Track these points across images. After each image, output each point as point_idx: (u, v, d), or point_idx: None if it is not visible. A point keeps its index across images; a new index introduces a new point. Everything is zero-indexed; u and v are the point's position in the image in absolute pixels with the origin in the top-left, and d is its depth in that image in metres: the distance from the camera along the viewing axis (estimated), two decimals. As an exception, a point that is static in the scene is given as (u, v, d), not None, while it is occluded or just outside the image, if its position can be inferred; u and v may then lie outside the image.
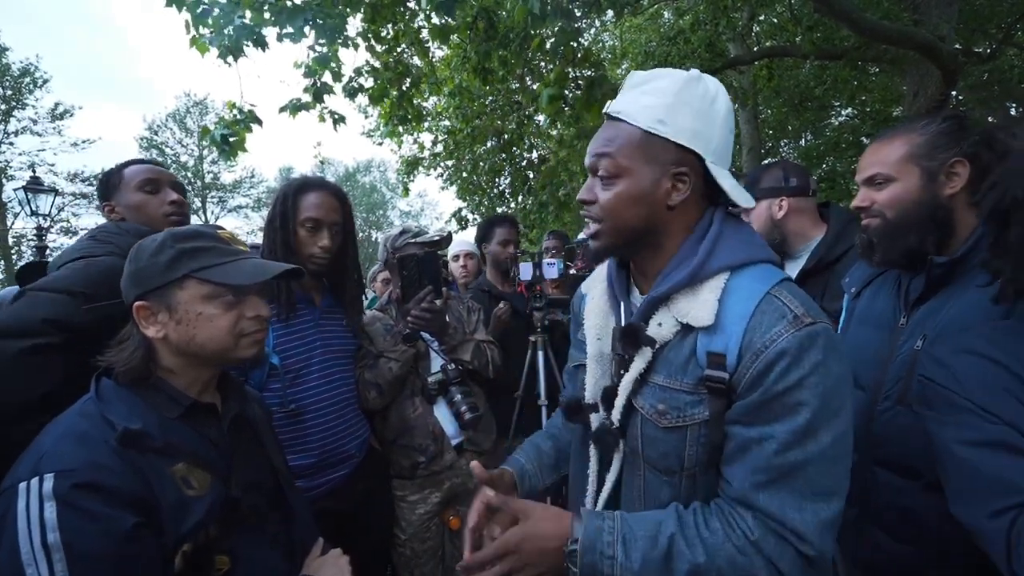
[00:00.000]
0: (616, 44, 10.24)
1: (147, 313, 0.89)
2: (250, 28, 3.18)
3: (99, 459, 0.76)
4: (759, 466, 0.70)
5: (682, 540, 0.71)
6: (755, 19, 7.60)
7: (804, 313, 0.71)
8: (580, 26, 4.21)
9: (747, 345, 0.71)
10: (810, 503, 0.68)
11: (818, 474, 0.69)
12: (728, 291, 0.76)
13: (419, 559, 1.77)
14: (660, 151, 0.78)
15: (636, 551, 0.71)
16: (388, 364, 1.69)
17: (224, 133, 3.55)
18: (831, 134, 10.56)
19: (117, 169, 1.53)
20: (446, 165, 8.88)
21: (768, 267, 0.79)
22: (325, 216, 1.55)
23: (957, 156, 1.06)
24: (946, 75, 4.34)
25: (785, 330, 0.69)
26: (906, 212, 1.10)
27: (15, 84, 16.14)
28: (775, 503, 0.69)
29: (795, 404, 0.68)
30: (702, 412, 0.75)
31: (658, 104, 0.78)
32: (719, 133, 0.80)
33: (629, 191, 0.79)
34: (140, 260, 0.90)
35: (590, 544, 0.73)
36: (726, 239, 0.80)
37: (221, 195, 24.05)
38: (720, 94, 0.81)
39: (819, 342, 0.69)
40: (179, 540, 0.80)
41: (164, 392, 0.89)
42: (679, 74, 0.80)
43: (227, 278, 0.90)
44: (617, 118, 0.82)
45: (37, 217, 7.88)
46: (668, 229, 0.82)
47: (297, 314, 1.56)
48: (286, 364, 1.51)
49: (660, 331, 0.79)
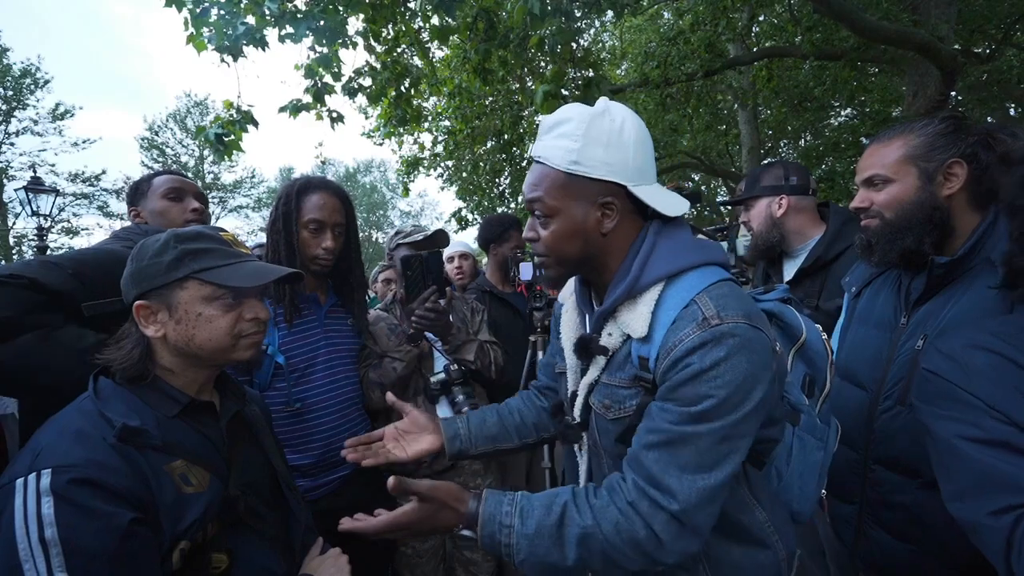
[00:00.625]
0: (616, 44, 10.25)
1: (147, 312, 0.89)
2: (250, 30, 3.19)
3: (97, 456, 0.76)
4: (653, 428, 0.78)
5: (573, 507, 0.79)
6: (755, 19, 7.60)
7: (715, 315, 0.76)
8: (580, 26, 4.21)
9: (663, 346, 0.79)
10: (690, 474, 0.74)
11: (706, 450, 0.75)
12: (661, 301, 0.83)
13: (420, 558, 1.78)
14: (583, 187, 0.84)
15: (531, 519, 0.79)
16: (392, 364, 1.69)
17: (219, 133, 3.55)
18: (831, 134, 10.56)
19: (147, 178, 1.67)
20: (446, 165, 8.89)
21: (704, 271, 0.83)
22: (328, 217, 1.55)
23: (954, 157, 1.06)
24: (945, 75, 4.35)
25: (692, 331, 0.76)
26: (904, 213, 1.10)
27: (16, 85, 16.16)
28: (658, 465, 0.76)
29: (695, 396, 0.74)
30: (634, 405, 0.84)
31: (571, 147, 0.83)
32: (633, 157, 0.85)
33: (563, 228, 0.86)
34: (142, 259, 0.90)
35: (490, 517, 0.81)
36: (659, 251, 0.85)
37: (221, 195, 24.04)
38: (627, 121, 0.86)
39: (725, 341, 0.74)
40: (176, 537, 0.80)
41: (162, 391, 0.90)
42: (584, 112, 0.85)
43: (228, 280, 0.90)
44: (540, 162, 0.88)
45: (38, 217, 7.89)
46: (608, 251, 0.88)
47: (302, 313, 1.57)
48: (291, 363, 1.51)
49: (610, 340, 0.88)
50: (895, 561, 1.09)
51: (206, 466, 0.88)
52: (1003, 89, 7.36)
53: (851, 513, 1.18)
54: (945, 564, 1.02)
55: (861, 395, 1.16)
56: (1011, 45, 7.67)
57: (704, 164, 11.84)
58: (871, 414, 1.13)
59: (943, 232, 1.08)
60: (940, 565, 1.02)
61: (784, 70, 8.14)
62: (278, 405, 1.50)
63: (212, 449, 0.92)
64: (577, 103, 0.91)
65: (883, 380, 1.11)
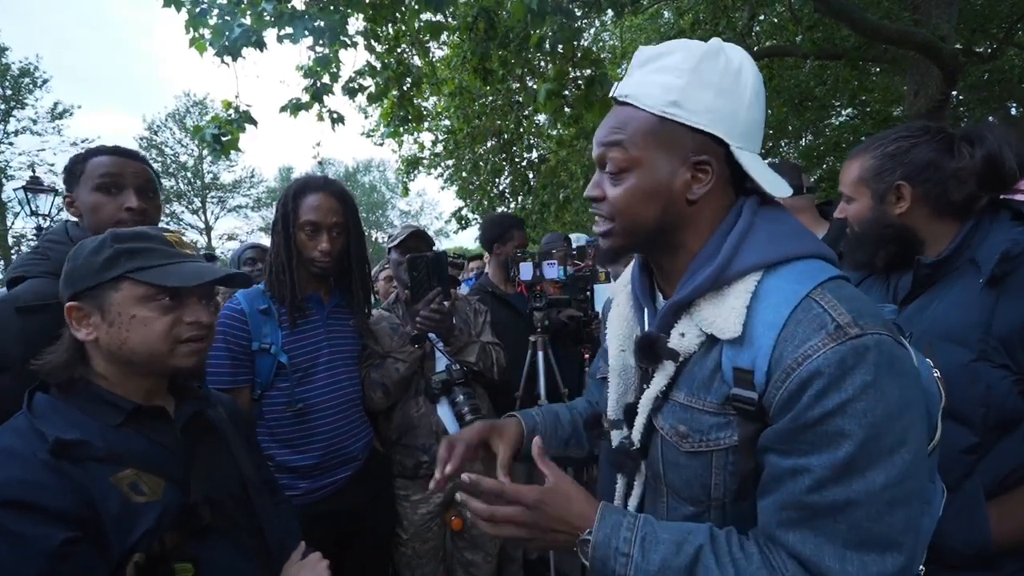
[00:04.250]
0: (616, 44, 10.23)
1: (79, 315, 0.85)
2: (248, 31, 3.18)
3: (25, 475, 0.71)
4: (790, 502, 0.59)
5: (711, 555, 0.62)
6: (755, 19, 7.58)
7: (851, 322, 0.58)
8: (580, 26, 4.20)
9: (777, 360, 0.60)
10: (855, 553, 0.56)
11: (868, 519, 0.56)
12: (759, 295, 0.65)
13: (420, 559, 1.77)
14: (677, 138, 0.68)
15: (656, 554, 0.63)
16: (395, 365, 1.69)
17: (216, 132, 3.55)
18: (831, 134, 10.54)
19: (82, 157, 1.34)
20: (446, 165, 8.88)
21: (814, 263, 0.66)
22: (324, 219, 1.53)
23: (899, 179, 1.10)
24: (946, 75, 4.34)
25: (823, 344, 0.57)
26: (863, 228, 1.17)
27: (15, 84, 16.15)
28: (809, 547, 0.58)
29: (835, 434, 0.56)
30: (729, 436, 0.65)
31: (672, 84, 0.67)
32: (746, 113, 0.68)
33: (642, 186, 0.69)
34: (77, 259, 0.86)
35: (606, 538, 0.65)
36: (757, 233, 0.68)
37: (221, 195, 24.04)
38: (746, 65, 0.69)
39: (868, 358, 0.56)
40: (128, 550, 0.76)
41: (101, 399, 0.85)
42: (695, 46, 0.69)
43: (164, 280, 0.85)
44: (625, 102, 0.71)
45: (37, 217, 7.87)
46: (690, 226, 0.71)
47: (305, 313, 1.56)
48: (294, 363, 1.51)
49: (683, 342, 0.70)
50: None
51: (159, 473, 0.84)
52: (1004, 88, 7.36)
53: None
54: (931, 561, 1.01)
55: None
56: (1012, 44, 7.66)
57: (704, 164, 11.81)
58: None
59: (904, 245, 1.12)
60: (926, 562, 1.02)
61: (785, 70, 8.13)
62: (280, 405, 1.49)
63: (166, 456, 0.88)
64: (683, 39, 0.73)
65: None
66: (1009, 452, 0.96)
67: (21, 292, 1.19)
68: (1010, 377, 0.94)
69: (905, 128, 1.15)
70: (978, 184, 1.03)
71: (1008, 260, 0.96)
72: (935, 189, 1.07)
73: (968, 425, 0.97)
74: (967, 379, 0.97)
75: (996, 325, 0.96)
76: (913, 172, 1.09)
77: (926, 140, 1.10)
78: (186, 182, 22.98)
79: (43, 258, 1.26)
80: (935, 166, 1.07)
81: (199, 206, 23.37)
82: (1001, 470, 0.97)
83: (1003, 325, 0.95)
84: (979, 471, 0.97)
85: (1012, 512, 0.96)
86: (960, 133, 1.09)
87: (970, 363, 0.97)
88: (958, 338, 0.99)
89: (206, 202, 23.58)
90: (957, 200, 1.06)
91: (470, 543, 1.87)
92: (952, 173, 1.05)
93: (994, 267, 0.97)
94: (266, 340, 1.49)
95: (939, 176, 1.07)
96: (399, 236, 1.91)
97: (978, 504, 0.96)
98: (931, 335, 1.03)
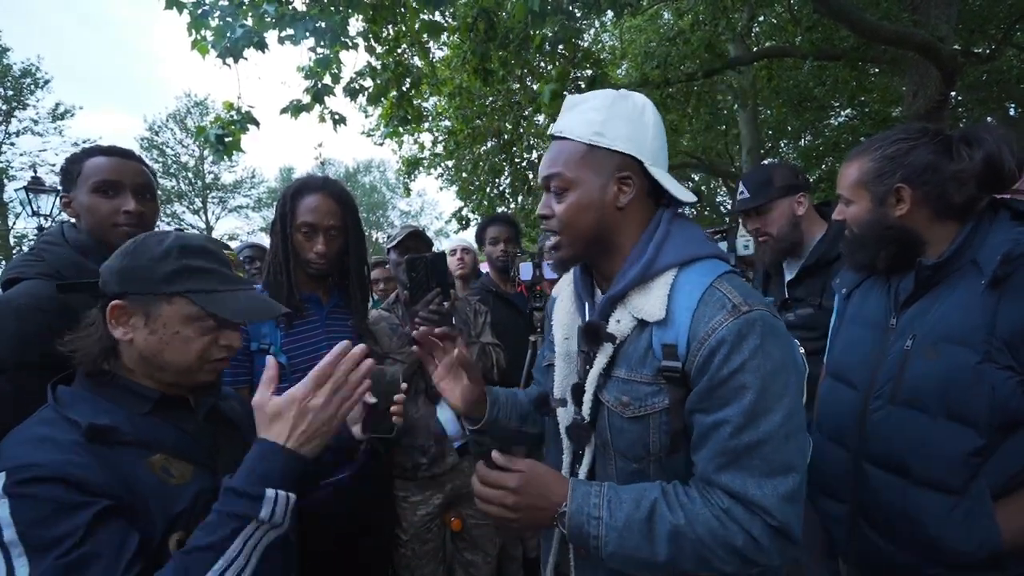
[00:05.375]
0: (616, 44, 10.24)
1: (121, 314, 0.85)
2: (249, 32, 3.19)
3: (65, 456, 0.74)
4: (718, 450, 0.76)
5: (664, 504, 0.78)
6: (755, 19, 7.60)
7: (742, 302, 0.77)
8: (580, 26, 4.21)
9: (693, 334, 0.78)
10: (767, 480, 0.74)
11: (773, 452, 0.74)
12: (676, 286, 0.83)
13: (420, 560, 1.78)
14: (603, 160, 0.86)
15: (620, 512, 0.78)
16: (394, 366, 1.69)
17: (219, 133, 3.56)
18: (831, 134, 10.56)
19: (80, 157, 1.33)
20: (446, 165, 8.89)
21: (713, 262, 0.86)
22: (320, 220, 1.53)
23: (899, 182, 1.10)
24: (945, 75, 4.35)
25: (724, 319, 0.76)
26: (863, 230, 1.17)
27: (16, 85, 16.17)
28: (737, 482, 0.75)
29: (739, 387, 0.74)
30: (662, 401, 0.82)
31: (595, 119, 0.87)
32: (651, 140, 0.88)
33: (580, 200, 0.87)
34: (138, 259, 0.87)
35: (579, 507, 0.79)
36: (673, 238, 0.87)
37: (222, 195, 24.05)
38: (648, 106, 0.90)
39: (756, 328, 0.75)
40: (169, 524, 0.79)
41: (129, 389, 0.87)
42: (609, 92, 0.90)
43: (221, 310, 0.88)
44: (561, 137, 0.90)
45: (38, 217, 7.87)
46: (621, 230, 0.89)
47: (304, 314, 1.56)
48: (293, 363, 1.50)
49: (619, 327, 0.86)
50: (887, 561, 1.09)
51: (187, 459, 0.87)
52: (1003, 89, 7.36)
53: (843, 513, 1.18)
54: (937, 563, 1.02)
55: (852, 394, 1.17)
56: (1011, 45, 7.67)
57: (704, 164, 11.85)
58: (863, 413, 1.14)
59: (904, 247, 1.12)
60: (932, 565, 1.02)
61: (784, 70, 8.15)
62: None
63: (192, 442, 0.91)
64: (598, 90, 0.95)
65: (873, 379, 1.13)
66: (1014, 453, 0.96)
67: (16, 294, 1.18)
68: (1015, 378, 0.94)
69: (903, 130, 1.14)
70: (978, 186, 1.03)
71: (1010, 261, 0.96)
72: (935, 191, 1.07)
73: (974, 427, 0.97)
74: (972, 381, 0.96)
75: (999, 326, 0.96)
76: (913, 174, 1.09)
77: (925, 142, 1.10)
78: (187, 182, 22.99)
79: (38, 259, 1.25)
80: (934, 168, 1.07)
81: (200, 206, 23.38)
82: (1007, 471, 0.97)
83: (1006, 326, 0.95)
84: (984, 473, 0.97)
85: (1020, 513, 0.96)
86: (958, 134, 1.09)
87: (975, 365, 0.96)
88: (962, 340, 0.99)
89: (207, 202, 23.59)
90: (957, 202, 1.06)
91: (470, 544, 1.88)
92: (951, 175, 1.05)
93: (996, 268, 0.96)
94: (265, 341, 1.48)
95: (938, 178, 1.07)
96: (397, 236, 1.92)
97: (985, 506, 0.96)
98: (934, 337, 1.03)
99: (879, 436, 1.10)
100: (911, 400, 1.05)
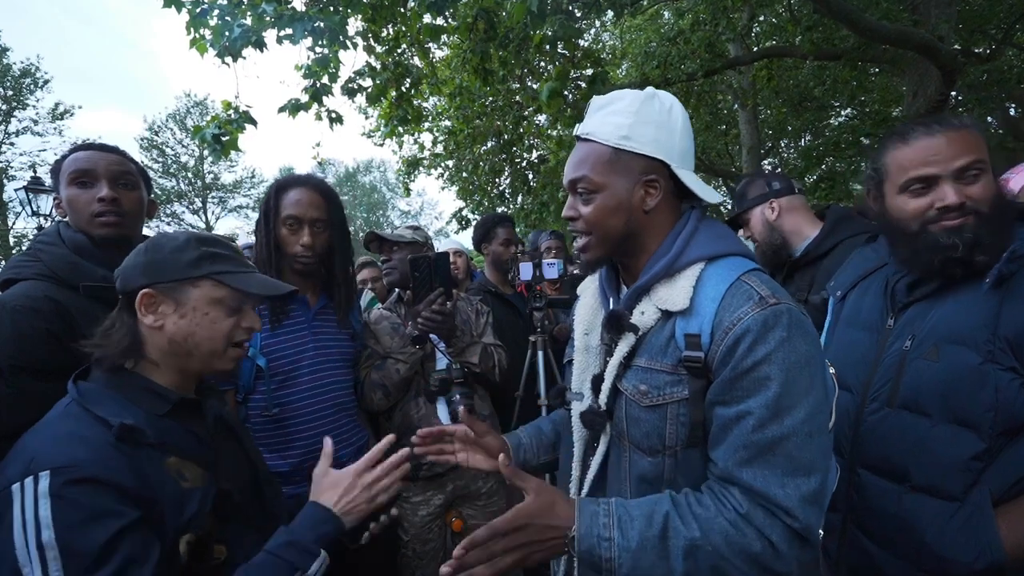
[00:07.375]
0: (616, 44, 10.25)
1: (151, 301, 0.90)
2: (248, 31, 3.19)
3: (100, 455, 0.76)
4: (740, 443, 0.74)
5: (676, 517, 0.74)
6: (755, 19, 7.59)
7: (770, 295, 0.76)
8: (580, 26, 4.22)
9: (717, 324, 0.77)
10: (791, 479, 0.71)
11: (797, 449, 0.72)
12: (702, 279, 0.83)
13: (421, 560, 1.78)
14: (630, 163, 0.86)
15: (633, 531, 0.74)
16: (396, 366, 1.68)
17: (216, 132, 3.56)
18: (831, 134, 10.54)
19: (63, 157, 1.35)
20: (446, 165, 8.89)
21: (740, 259, 0.85)
22: (304, 213, 1.51)
23: None
24: (945, 75, 4.35)
25: (751, 309, 0.75)
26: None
27: (16, 84, 16.18)
28: (759, 479, 0.72)
29: (763, 378, 0.73)
30: (681, 391, 0.80)
31: (622, 122, 0.86)
32: (679, 141, 0.88)
33: (607, 203, 0.87)
34: (160, 252, 0.92)
35: (588, 529, 0.75)
36: (701, 234, 0.87)
37: (221, 195, 24.06)
38: (675, 106, 0.90)
39: (783, 320, 0.74)
40: (179, 530, 0.81)
41: (149, 389, 0.90)
42: (637, 93, 0.89)
43: (246, 286, 0.95)
44: (588, 139, 0.90)
45: (38, 217, 7.87)
46: (648, 231, 0.90)
47: (289, 315, 1.53)
48: (273, 366, 1.47)
49: (643, 319, 0.86)
50: (881, 570, 1.06)
51: (197, 462, 0.89)
52: (1003, 89, 7.35)
53: (836, 520, 1.14)
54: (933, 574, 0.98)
55: (847, 398, 1.14)
56: (1011, 45, 7.66)
57: (704, 164, 11.83)
58: (858, 417, 1.11)
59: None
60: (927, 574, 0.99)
61: (784, 70, 8.14)
62: (259, 409, 1.46)
63: (200, 445, 0.93)
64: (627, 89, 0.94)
65: (870, 382, 1.11)
66: (1017, 458, 0.93)
67: (12, 296, 1.18)
68: (1018, 380, 0.91)
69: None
70: None
71: (1015, 259, 0.94)
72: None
73: (976, 430, 0.94)
74: (975, 382, 0.94)
75: (1002, 326, 0.93)
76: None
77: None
78: (187, 182, 23.00)
79: (35, 260, 1.25)
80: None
81: (200, 206, 23.39)
82: (1008, 477, 0.93)
83: (1010, 326, 0.93)
84: (985, 479, 0.94)
85: (1021, 521, 0.92)
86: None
87: (978, 366, 0.94)
88: (964, 340, 0.97)
89: (207, 202, 23.60)
90: None
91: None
92: None
93: (1000, 266, 0.94)
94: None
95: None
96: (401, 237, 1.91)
97: (985, 514, 0.93)
98: (936, 337, 1.01)
99: (875, 440, 1.08)
100: (909, 403, 1.02)
